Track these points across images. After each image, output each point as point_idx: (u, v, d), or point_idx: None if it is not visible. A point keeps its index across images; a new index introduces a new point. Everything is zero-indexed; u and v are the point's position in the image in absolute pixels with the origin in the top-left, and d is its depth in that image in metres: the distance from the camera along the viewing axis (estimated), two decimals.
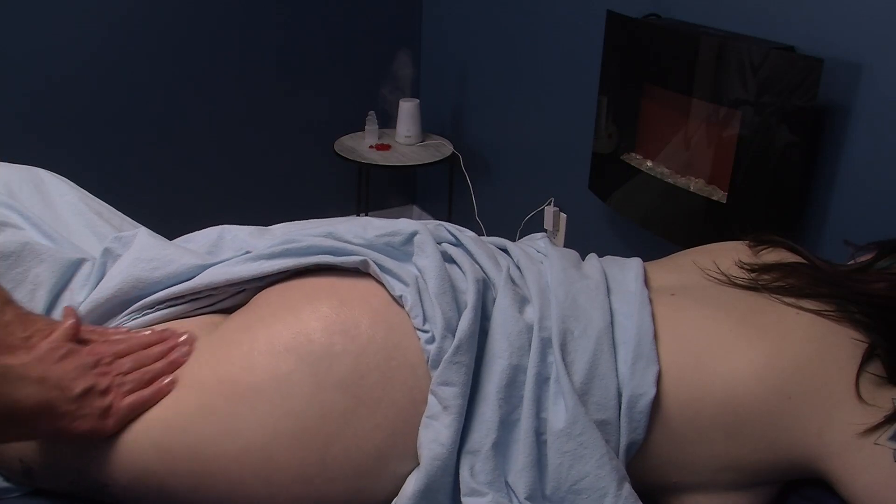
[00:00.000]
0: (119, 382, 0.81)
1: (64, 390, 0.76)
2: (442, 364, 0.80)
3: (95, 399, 0.78)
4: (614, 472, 0.79)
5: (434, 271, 0.86)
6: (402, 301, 0.85)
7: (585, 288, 0.90)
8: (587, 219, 2.26)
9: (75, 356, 0.79)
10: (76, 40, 2.33)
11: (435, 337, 0.81)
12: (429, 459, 0.78)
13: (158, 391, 0.81)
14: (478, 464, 0.79)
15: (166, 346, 0.85)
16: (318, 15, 2.65)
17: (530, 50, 2.37)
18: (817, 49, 1.46)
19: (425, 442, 0.79)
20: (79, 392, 0.77)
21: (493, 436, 0.79)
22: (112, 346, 0.84)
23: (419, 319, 0.83)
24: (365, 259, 0.87)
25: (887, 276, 0.89)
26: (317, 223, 1.00)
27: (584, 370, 0.83)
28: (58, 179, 1.09)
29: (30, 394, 0.73)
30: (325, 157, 2.67)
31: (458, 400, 0.79)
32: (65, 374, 0.77)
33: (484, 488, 0.78)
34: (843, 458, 0.77)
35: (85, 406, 0.77)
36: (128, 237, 0.96)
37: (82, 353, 0.80)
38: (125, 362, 0.82)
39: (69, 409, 0.76)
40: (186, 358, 0.84)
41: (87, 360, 0.80)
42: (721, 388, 0.81)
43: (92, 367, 0.79)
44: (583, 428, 0.79)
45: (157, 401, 0.81)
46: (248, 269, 0.90)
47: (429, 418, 0.80)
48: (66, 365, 0.78)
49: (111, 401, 0.79)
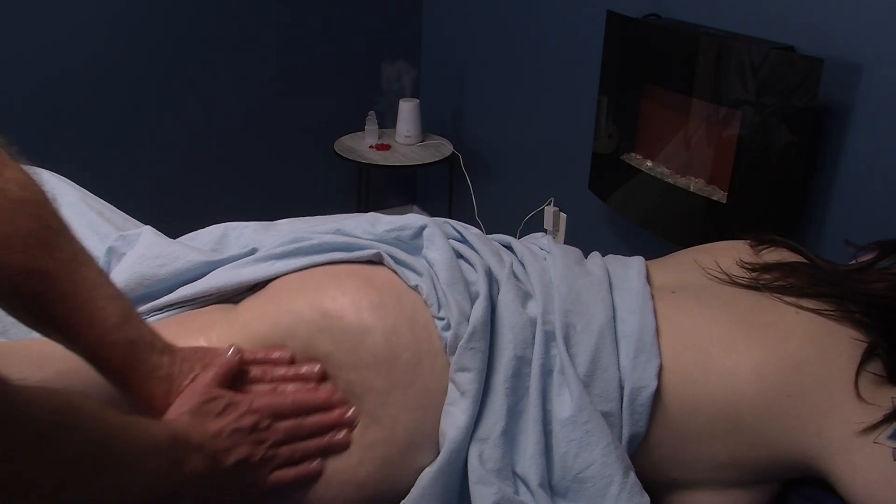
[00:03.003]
0: (270, 456, 0.73)
1: (218, 462, 0.68)
2: (458, 350, 0.81)
3: (247, 472, 0.71)
4: (620, 461, 0.79)
5: (445, 263, 0.87)
6: (418, 290, 0.85)
7: (588, 284, 0.91)
8: (587, 219, 2.26)
9: (233, 413, 0.71)
10: (76, 40, 2.33)
11: (451, 324, 0.82)
12: (449, 448, 0.78)
13: (304, 476, 0.75)
14: (487, 451, 0.79)
15: (326, 422, 0.77)
16: (317, 15, 2.65)
17: (530, 50, 2.37)
18: (817, 49, 1.46)
19: (445, 429, 0.79)
20: (232, 464, 0.69)
21: (501, 423, 0.80)
22: (272, 398, 0.75)
23: (435, 307, 0.84)
24: (378, 252, 0.88)
25: (888, 276, 0.90)
26: (323, 220, 1.00)
27: (586, 363, 0.83)
28: (58, 180, 1.09)
29: (195, 464, 0.65)
30: (325, 157, 2.67)
31: (473, 385, 0.80)
32: (220, 437, 0.68)
33: (492, 477, 0.78)
34: (843, 456, 0.78)
35: (234, 478, 0.70)
36: (132, 236, 0.96)
37: (240, 409, 0.71)
38: (280, 430, 0.74)
39: (220, 481, 0.69)
40: (343, 450, 0.77)
41: (245, 423, 0.71)
42: (721, 386, 0.82)
43: (249, 433, 0.71)
44: (589, 416, 0.80)
45: (298, 482, 0.75)
46: (260, 270, 0.89)
47: (449, 405, 0.80)
48: (223, 423, 0.69)
49: (259, 474, 0.72)
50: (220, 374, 0.73)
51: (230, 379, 0.74)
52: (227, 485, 0.70)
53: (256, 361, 0.78)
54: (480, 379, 0.80)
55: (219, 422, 0.70)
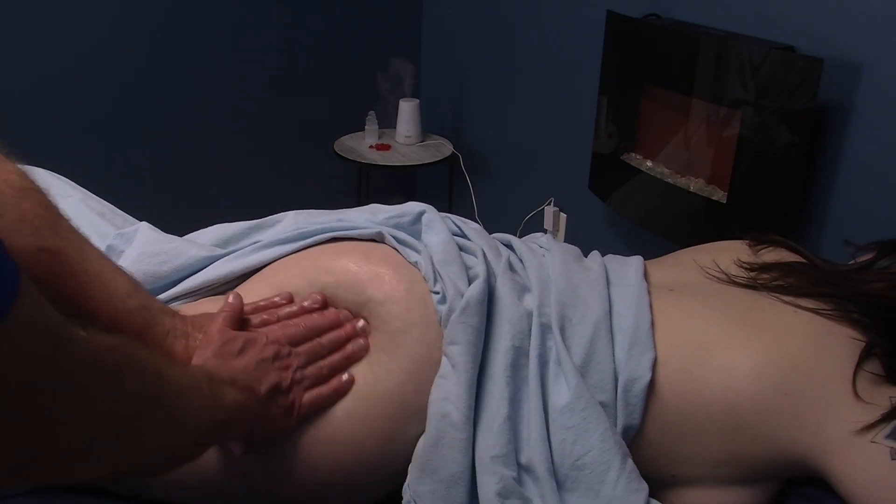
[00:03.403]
0: (299, 378, 0.77)
1: (252, 392, 0.72)
2: (450, 323, 0.82)
3: (280, 397, 0.75)
4: (617, 447, 0.80)
5: (441, 245, 0.89)
6: (417, 266, 0.87)
7: (586, 279, 0.91)
8: (587, 219, 2.26)
9: (253, 349, 0.75)
10: (76, 39, 2.33)
11: (446, 297, 0.83)
12: (438, 416, 0.79)
13: (338, 390, 0.79)
14: (492, 437, 0.80)
15: (342, 335, 0.82)
16: (317, 15, 2.65)
17: (530, 50, 2.37)
18: (817, 49, 1.47)
19: (435, 400, 0.80)
20: (266, 392, 0.73)
21: (504, 410, 0.80)
22: (285, 329, 0.79)
23: (432, 282, 0.85)
24: (380, 231, 0.90)
25: (887, 276, 0.90)
26: (325, 212, 1.02)
27: (581, 354, 0.84)
28: (59, 180, 1.09)
29: (232, 397, 0.69)
30: (325, 157, 2.67)
31: (463, 357, 0.80)
32: (248, 372, 0.73)
33: (496, 465, 0.78)
34: (841, 455, 0.78)
35: (272, 405, 0.74)
36: (129, 233, 0.97)
37: (258, 343, 0.76)
38: (301, 353, 0.79)
39: (260, 410, 0.73)
40: (364, 354, 0.82)
41: (267, 353, 0.75)
42: (718, 384, 0.82)
43: (273, 361, 0.76)
44: (586, 403, 0.80)
45: (336, 400, 0.79)
46: (265, 255, 0.91)
47: (440, 377, 0.81)
48: (248, 359, 0.74)
49: (293, 398, 0.76)
50: (228, 317, 0.77)
51: (239, 321, 0.78)
52: (267, 412, 0.74)
53: (259, 308, 0.82)
54: (471, 353, 0.81)
55: (242, 358, 0.74)
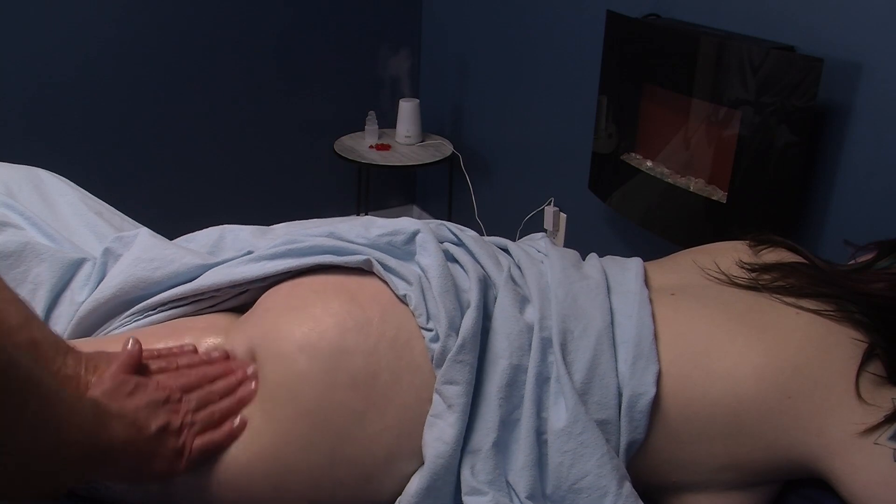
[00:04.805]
0: (190, 421, 0.76)
1: (141, 429, 0.72)
2: (446, 363, 0.80)
3: (170, 439, 0.74)
4: (615, 472, 0.79)
5: (437, 270, 0.86)
6: (406, 300, 0.84)
7: (586, 288, 0.90)
8: (587, 219, 2.26)
9: (144, 391, 0.74)
10: (76, 39, 2.33)
11: (439, 335, 0.81)
12: (433, 458, 0.78)
13: (230, 435, 0.78)
14: (478, 463, 0.79)
15: (233, 381, 0.81)
16: (318, 15, 2.65)
17: (530, 50, 2.37)
18: (817, 49, 1.46)
19: (429, 441, 0.79)
20: (155, 430, 0.73)
21: (493, 435, 0.79)
22: (177, 378, 0.79)
23: (423, 318, 0.83)
24: (368, 258, 0.87)
25: (887, 276, 0.89)
26: (318, 223, 1.00)
27: (584, 370, 0.83)
28: (57, 179, 1.09)
29: (118, 431, 0.69)
30: (325, 157, 2.67)
31: (462, 398, 0.79)
32: (138, 411, 0.72)
33: (485, 487, 0.78)
34: (843, 457, 0.77)
35: (161, 445, 0.73)
36: (129, 237, 0.96)
37: (150, 387, 0.75)
38: (192, 399, 0.78)
39: (147, 449, 0.72)
40: (253, 396, 0.80)
41: (158, 396, 0.75)
42: (720, 388, 0.81)
43: (163, 404, 0.75)
44: (583, 427, 0.79)
45: (228, 444, 0.78)
46: (251, 269, 0.89)
47: (433, 417, 0.80)
48: (137, 400, 0.73)
49: (184, 441, 0.75)
50: (124, 363, 0.76)
51: (135, 368, 0.77)
52: (156, 452, 0.73)
53: (161, 355, 0.81)
54: (469, 392, 0.79)
55: (132, 399, 0.73)
